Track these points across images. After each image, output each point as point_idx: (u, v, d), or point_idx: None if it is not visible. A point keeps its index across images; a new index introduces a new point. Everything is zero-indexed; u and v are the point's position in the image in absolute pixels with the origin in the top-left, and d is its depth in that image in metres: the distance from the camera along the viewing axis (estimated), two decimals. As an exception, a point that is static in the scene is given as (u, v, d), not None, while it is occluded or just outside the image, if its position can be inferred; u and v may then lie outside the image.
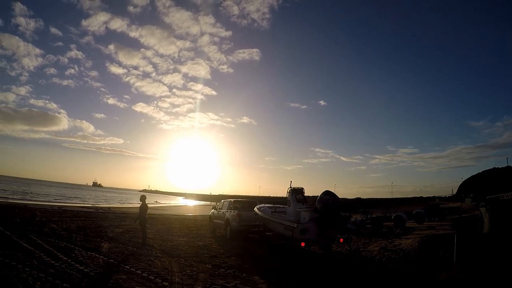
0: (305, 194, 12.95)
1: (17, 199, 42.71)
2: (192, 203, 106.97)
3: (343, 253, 12.97)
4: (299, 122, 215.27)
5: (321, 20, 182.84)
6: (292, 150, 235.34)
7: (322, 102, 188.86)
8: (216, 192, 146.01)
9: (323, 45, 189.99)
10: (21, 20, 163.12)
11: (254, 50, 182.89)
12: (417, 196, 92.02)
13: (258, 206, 15.44)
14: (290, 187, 12.97)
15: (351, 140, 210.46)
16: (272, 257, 11.97)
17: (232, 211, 16.00)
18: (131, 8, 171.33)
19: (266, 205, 15.75)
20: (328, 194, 11.53)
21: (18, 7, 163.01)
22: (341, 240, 11.93)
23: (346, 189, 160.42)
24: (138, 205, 14.50)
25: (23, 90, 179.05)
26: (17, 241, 10.98)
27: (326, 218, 11.11)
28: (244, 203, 17.22)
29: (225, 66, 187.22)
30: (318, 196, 11.85)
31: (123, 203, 64.71)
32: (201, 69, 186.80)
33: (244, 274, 8.82)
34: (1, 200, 36.11)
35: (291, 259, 11.34)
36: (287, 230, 12.10)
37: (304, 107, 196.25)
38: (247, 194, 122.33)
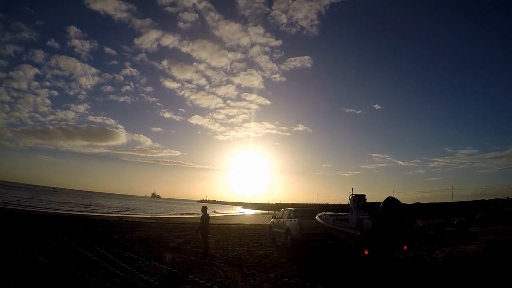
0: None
1: (79, 211, 44.99)
2: (250, 212, 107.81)
3: (406, 261, 12.23)
4: (355, 127, 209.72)
5: (370, 22, 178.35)
6: (349, 156, 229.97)
7: (377, 106, 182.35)
8: (273, 200, 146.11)
9: (373, 47, 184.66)
10: (76, 42, 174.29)
11: (305, 57, 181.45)
12: (478, 199, 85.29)
13: (319, 214, 15.07)
14: (352, 194, 12.57)
15: (408, 143, 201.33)
16: (335, 265, 11.55)
17: (293, 219, 15.75)
18: (181, 24, 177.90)
19: (328, 213, 15.33)
20: (391, 200, 11.01)
21: (73, 30, 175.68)
22: (405, 247, 11.38)
23: (404, 194, 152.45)
24: (197, 215, 14.71)
25: (82, 108, 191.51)
26: (82, 252, 11.37)
27: (390, 225, 10.64)
28: (304, 212, 16.90)
29: (277, 75, 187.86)
30: (379, 202, 11.41)
31: (182, 213, 66.66)
32: (254, 79, 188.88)
33: (308, 284, 8.50)
34: (65, 212, 38.23)
35: (355, 268, 10.92)
36: (349, 238, 11.71)
37: (359, 112, 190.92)
38: (304, 202, 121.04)
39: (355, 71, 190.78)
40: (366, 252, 10.71)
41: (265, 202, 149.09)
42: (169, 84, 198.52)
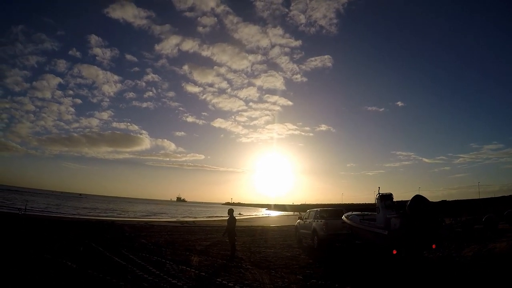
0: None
1: (105, 216, 45.66)
2: (275, 213, 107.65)
3: (435, 260, 11.94)
4: (378, 125, 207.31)
5: (390, 18, 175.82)
6: (373, 155, 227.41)
7: (399, 103, 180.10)
8: (298, 201, 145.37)
9: (394, 44, 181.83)
10: (98, 51, 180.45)
11: (326, 56, 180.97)
12: (506, 195, 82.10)
13: (346, 214, 14.96)
14: (379, 193, 12.45)
15: (433, 140, 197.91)
16: (363, 266, 11.38)
17: (319, 220, 15.66)
18: (200, 29, 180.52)
19: (354, 212, 15.17)
20: (419, 199, 10.81)
21: (94, 39, 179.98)
22: (434, 246, 11.23)
23: (430, 192, 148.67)
24: (222, 218, 14.76)
25: (105, 115, 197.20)
26: (110, 256, 11.50)
27: (418, 224, 10.46)
28: (330, 212, 16.74)
29: (298, 76, 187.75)
30: (405, 201, 11.28)
31: (208, 216, 67.17)
32: (275, 81, 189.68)
33: (337, 285, 8.39)
34: (91, 217, 38.98)
35: (383, 267, 10.76)
36: (377, 237, 11.63)
37: (381, 109, 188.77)
38: (329, 203, 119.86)
39: (376, 68, 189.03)
40: (395, 252, 10.64)
41: (290, 203, 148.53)
42: (191, 88, 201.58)
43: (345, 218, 14.50)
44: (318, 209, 17.12)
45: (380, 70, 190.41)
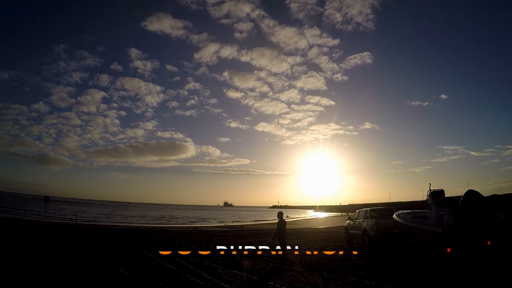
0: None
1: (154, 223, 46.82)
2: (322, 215, 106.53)
3: (490, 257, 11.42)
4: (423, 120, 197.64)
5: (430, 8, 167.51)
6: (419, 151, 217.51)
7: (443, 96, 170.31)
8: (345, 202, 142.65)
9: (433, 35, 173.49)
10: (138, 63, 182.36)
11: (365, 53, 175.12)
12: None
13: (397, 213, 14.63)
14: (430, 190, 12.11)
15: (480, 132, 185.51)
16: (417, 265, 11.11)
17: (369, 220, 15.40)
18: (237, 35, 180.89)
19: (405, 211, 14.82)
20: (472, 194, 10.47)
21: (134, 52, 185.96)
22: (489, 242, 10.75)
23: (480, 186, 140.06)
24: (270, 222, 14.84)
25: (150, 125, 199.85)
26: (161, 263, 11.67)
27: (472, 220, 10.16)
28: (380, 211, 16.38)
29: (339, 75, 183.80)
30: (454, 197, 11.02)
31: (255, 220, 67.42)
32: (316, 81, 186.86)
33: (391, 286, 8.27)
34: (141, 225, 40.09)
35: (437, 266, 10.43)
36: (430, 235, 11.32)
37: (425, 104, 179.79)
38: (377, 202, 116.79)
39: (417, 61, 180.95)
40: (449, 250, 10.36)
41: (337, 203, 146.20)
42: (232, 94, 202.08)
43: (396, 217, 14.20)
44: (368, 208, 16.80)
45: (420, 62, 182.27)
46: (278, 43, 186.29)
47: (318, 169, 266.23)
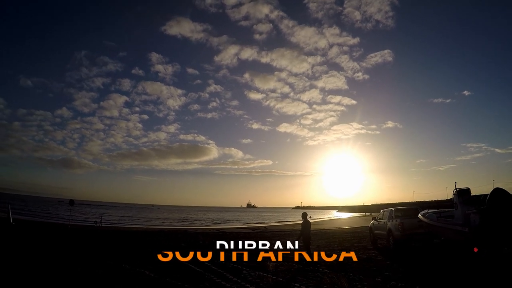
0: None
1: (178, 225, 47.44)
2: (346, 215, 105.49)
3: None
4: (446, 117, 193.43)
5: (449, 3, 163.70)
6: (443, 149, 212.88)
7: (466, 93, 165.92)
8: (368, 202, 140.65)
9: (454, 31, 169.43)
10: (159, 67, 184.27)
11: (386, 51, 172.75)
12: None
13: (422, 212, 14.44)
14: (456, 188, 11.92)
15: (504, 128, 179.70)
16: (443, 265, 10.96)
17: (394, 220, 15.20)
18: (257, 36, 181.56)
19: (430, 210, 14.64)
20: (499, 192, 10.24)
21: (154, 56, 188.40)
22: None
23: (505, 184, 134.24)
24: (294, 222, 14.84)
25: (172, 128, 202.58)
26: (186, 264, 11.69)
27: (499, 219, 9.90)
28: (405, 211, 16.15)
29: (359, 74, 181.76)
30: (480, 195, 10.84)
31: (278, 221, 67.34)
32: (337, 81, 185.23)
33: (418, 287, 8.27)
34: (165, 227, 40.64)
35: (465, 266, 10.31)
36: (457, 235, 11.18)
37: (448, 101, 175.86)
38: (401, 201, 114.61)
39: (439, 58, 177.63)
40: (476, 250, 10.19)
41: (360, 204, 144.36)
42: (254, 95, 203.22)
43: (421, 217, 14.01)
44: (393, 208, 16.58)
45: (442, 59, 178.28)
46: (298, 43, 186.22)
47: (341, 169, 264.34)
